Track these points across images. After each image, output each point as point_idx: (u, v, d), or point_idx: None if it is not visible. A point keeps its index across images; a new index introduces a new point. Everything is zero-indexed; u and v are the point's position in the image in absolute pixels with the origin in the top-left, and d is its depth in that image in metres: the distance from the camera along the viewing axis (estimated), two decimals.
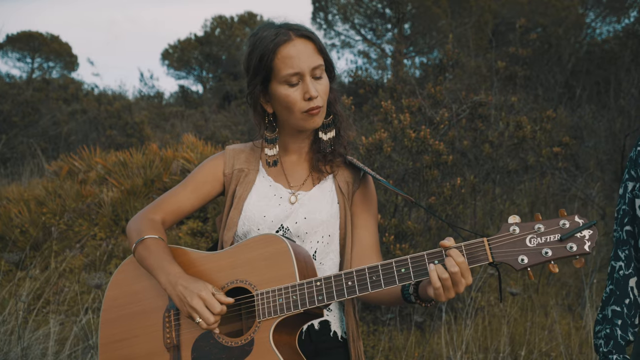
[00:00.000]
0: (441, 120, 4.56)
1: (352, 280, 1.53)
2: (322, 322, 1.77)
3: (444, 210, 4.32)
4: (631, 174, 1.75)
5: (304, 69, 1.64)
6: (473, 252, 1.44)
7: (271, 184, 1.80)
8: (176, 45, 21.63)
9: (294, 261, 1.58)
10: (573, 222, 1.40)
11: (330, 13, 16.46)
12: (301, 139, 1.80)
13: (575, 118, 8.60)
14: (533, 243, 1.41)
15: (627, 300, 1.71)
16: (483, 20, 15.32)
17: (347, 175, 1.83)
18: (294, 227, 1.74)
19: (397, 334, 4.68)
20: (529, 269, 1.43)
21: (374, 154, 4.33)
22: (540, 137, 4.32)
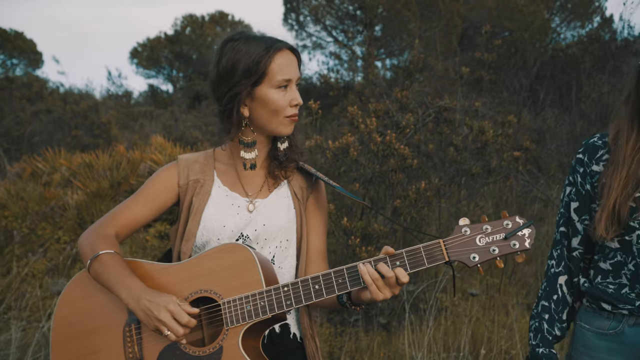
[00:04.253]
0: (407, 124, 4.64)
1: (319, 284, 1.61)
2: (283, 325, 1.82)
3: (409, 213, 4.40)
4: (569, 179, 1.86)
5: (293, 77, 1.73)
6: (431, 252, 1.56)
7: (227, 193, 1.83)
8: (145, 43, 21.34)
9: (259, 269, 1.64)
10: (515, 222, 1.55)
11: (301, 14, 16.50)
12: (261, 147, 1.84)
13: (539, 121, 8.83)
14: (482, 242, 1.54)
15: (555, 297, 1.83)
16: (452, 24, 15.58)
17: (300, 181, 1.89)
18: (254, 235, 1.78)
19: (363, 335, 4.74)
20: (479, 265, 1.56)
21: (340, 158, 4.38)
22: (501, 142, 4.45)
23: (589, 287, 1.80)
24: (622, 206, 1.67)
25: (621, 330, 1.72)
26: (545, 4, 18.29)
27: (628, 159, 1.71)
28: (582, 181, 1.82)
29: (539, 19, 16.97)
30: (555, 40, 17.55)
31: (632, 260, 1.70)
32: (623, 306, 1.72)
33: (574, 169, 1.85)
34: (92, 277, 1.72)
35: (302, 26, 16.50)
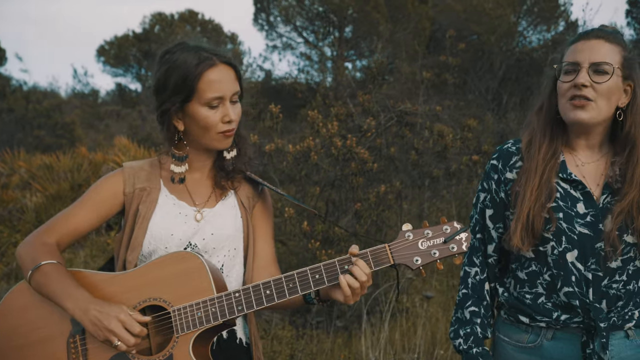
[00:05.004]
0: (368, 128, 4.70)
1: (270, 289, 1.64)
2: (230, 331, 1.84)
3: (369, 216, 4.45)
4: (483, 186, 1.87)
5: (226, 93, 1.72)
6: (377, 257, 1.63)
7: (175, 202, 1.83)
8: (113, 41, 20.99)
9: (210, 276, 1.65)
10: (453, 227, 1.63)
11: (272, 15, 16.47)
12: (205, 157, 1.85)
13: (502, 124, 9.02)
14: (424, 246, 1.63)
15: (484, 303, 1.85)
16: (420, 26, 15.76)
17: (247, 190, 1.90)
18: (202, 244, 1.79)
19: (324, 337, 4.78)
20: (421, 268, 1.64)
21: (302, 162, 4.41)
22: (459, 146, 4.54)
23: (507, 297, 1.82)
24: (536, 217, 1.68)
25: (540, 344, 1.73)
26: (512, 8, 18.64)
27: (540, 168, 1.73)
28: (496, 188, 1.82)
29: (506, 23, 17.29)
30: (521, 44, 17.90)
31: (548, 271, 1.72)
32: (541, 318, 1.73)
33: (489, 175, 1.85)
34: (34, 288, 1.70)
35: (272, 26, 16.47)
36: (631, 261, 1.70)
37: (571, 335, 1.71)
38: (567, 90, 1.69)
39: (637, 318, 1.71)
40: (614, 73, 1.67)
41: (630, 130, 1.71)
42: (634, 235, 1.67)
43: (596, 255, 1.68)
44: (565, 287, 1.69)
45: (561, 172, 1.74)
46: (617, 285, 1.69)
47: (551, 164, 1.74)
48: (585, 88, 1.66)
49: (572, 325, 1.70)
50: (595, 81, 1.66)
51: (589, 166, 1.77)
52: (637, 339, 1.71)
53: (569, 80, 1.69)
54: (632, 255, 1.69)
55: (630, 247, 1.68)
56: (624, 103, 1.72)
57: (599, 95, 1.67)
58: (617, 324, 1.69)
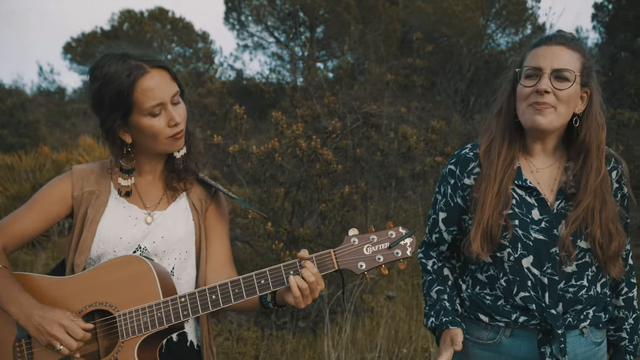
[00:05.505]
0: (333, 129, 4.73)
1: (215, 294, 1.65)
2: (180, 333, 1.84)
3: (334, 217, 4.48)
4: (440, 189, 1.90)
5: (165, 98, 1.69)
6: (322, 262, 1.64)
7: (125, 205, 1.82)
8: (80, 38, 20.58)
9: (156, 280, 1.65)
10: (398, 233, 1.64)
11: (243, 14, 16.39)
12: (156, 161, 1.84)
13: (468, 126, 9.17)
14: (369, 251, 1.63)
15: (449, 282, 1.90)
16: (391, 28, 15.88)
17: (199, 193, 1.90)
18: (152, 247, 1.78)
19: (290, 337, 4.80)
20: (366, 273, 1.65)
21: (266, 163, 4.41)
22: (423, 147, 4.61)
23: (470, 294, 1.86)
24: (495, 224, 1.71)
25: (499, 341, 1.78)
26: (480, 11, 18.94)
27: (499, 175, 1.75)
28: (451, 193, 1.84)
29: (475, 26, 17.56)
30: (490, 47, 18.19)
31: (504, 276, 1.76)
32: (500, 318, 1.77)
33: (445, 179, 1.87)
34: None
35: (243, 26, 16.40)
36: (588, 266, 1.73)
37: (529, 333, 1.75)
38: (528, 95, 1.71)
39: (591, 317, 1.76)
40: (575, 80, 1.69)
41: (585, 137, 1.74)
42: (587, 241, 1.71)
43: (552, 260, 1.71)
44: (522, 292, 1.73)
45: (517, 178, 1.77)
46: (576, 289, 1.73)
47: (509, 171, 1.76)
48: (547, 94, 1.68)
49: (530, 326, 1.74)
50: (557, 88, 1.68)
51: (543, 172, 1.80)
52: (591, 336, 1.77)
53: (531, 85, 1.70)
54: (588, 260, 1.73)
55: (584, 252, 1.72)
56: (581, 109, 1.75)
57: (560, 101, 1.69)
58: (572, 324, 1.74)
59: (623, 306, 1.85)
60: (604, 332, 1.84)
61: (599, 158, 1.74)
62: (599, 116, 1.76)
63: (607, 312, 1.81)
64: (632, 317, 1.86)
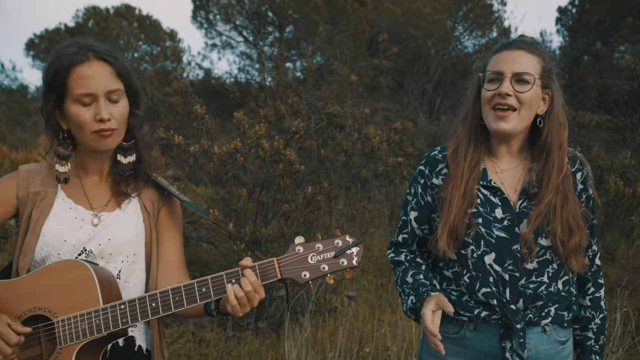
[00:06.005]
0: (297, 130, 4.73)
1: (156, 301, 1.62)
2: (127, 338, 1.81)
3: (297, 218, 4.49)
4: (411, 190, 1.96)
5: (98, 90, 1.65)
6: (265, 271, 1.61)
7: (71, 206, 1.78)
8: (43, 35, 20.07)
9: (97, 286, 1.62)
10: (344, 241, 1.62)
11: (211, 12, 16.24)
12: (101, 160, 1.80)
13: (434, 127, 9.29)
14: (313, 260, 1.61)
15: (423, 267, 1.93)
16: (360, 29, 15.96)
17: (152, 194, 1.87)
18: (98, 249, 1.75)
19: (253, 338, 4.78)
20: (310, 282, 1.63)
21: (228, 163, 4.39)
22: (385, 148, 4.65)
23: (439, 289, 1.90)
24: (460, 223, 1.78)
25: (462, 335, 1.83)
26: (448, 14, 19.21)
27: (465, 176, 1.82)
28: (422, 192, 1.92)
29: (443, 28, 17.78)
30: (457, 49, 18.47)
31: (467, 273, 1.81)
32: (464, 313, 1.82)
33: (416, 180, 1.95)
34: None
35: (211, 24, 16.24)
36: (549, 264, 1.79)
37: (491, 327, 1.80)
38: (491, 99, 1.78)
39: (553, 315, 1.81)
40: (535, 83, 1.76)
41: (547, 137, 1.81)
42: (548, 239, 1.76)
43: (513, 257, 1.77)
44: (484, 288, 1.78)
45: (482, 179, 1.83)
46: (536, 286, 1.78)
47: (475, 172, 1.83)
48: (509, 97, 1.75)
49: (492, 321, 1.80)
50: (518, 90, 1.76)
51: (508, 173, 1.86)
52: (554, 334, 1.82)
53: (493, 89, 1.78)
54: (548, 257, 1.78)
55: (545, 249, 1.77)
56: (543, 111, 1.83)
57: (521, 103, 1.76)
58: (533, 320, 1.79)
59: (589, 306, 1.90)
60: (570, 331, 1.88)
61: (560, 157, 1.81)
62: (561, 116, 1.84)
63: (571, 311, 1.85)
64: (599, 317, 1.90)
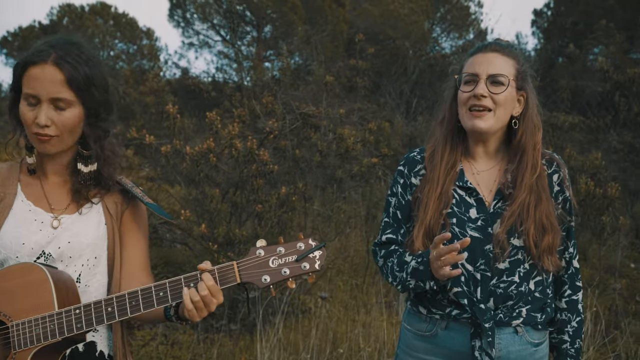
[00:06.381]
0: (271, 130, 4.71)
1: (111, 306, 1.59)
2: (88, 343, 1.77)
3: (270, 219, 4.46)
4: (392, 190, 2.00)
5: (42, 94, 1.63)
6: (224, 275, 1.58)
7: (31, 208, 1.74)
8: (17, 32, 19.68)
9: (53, 290, 1.59)
10: (307, 245, 1.59)
11: (188, 11, 16.10)
12: (59, 163, 1.77)
13: (410, 127, 9.34)
14: (275, 264, 1.58)
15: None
16: (338, 29, 15.98)
17: (115, 196, 1.83)
18: (57, 253, 1.71)
19: (226, 340, 4.74)
20: (271, 287, 1.59)
21: (201, 164, 4.34)
22: (359, 149, 4.66)
23: None
24: (436, 223, 1.81)
25: (435, 333, 1.87)
26: (426, 15, 19.36)
27: (442, 178, 1.86)
28: (402, 192, 1.95)
29: (420, 29, 17.91)
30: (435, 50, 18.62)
31: None
32: (436, 311, 1.86)
33: (396, 180, 1.98)
34: None
35: (189, 23, 16.10)
36: (520, 264, 1.81)
37: (462, 326, 1.83)
38: (467, 100, 1.82)
39: (524, 316, 1.82)
40: (509, 84, 1.81)
41: (522, 138, 1.86)
42: (520, 239, 1.78)
43: (485, 257, 1.79)
44: (455, 287, 1.80)
45: (458, 180, 1.87)
46: (506, 285, 1.80)
47: (451, 174, 1.86)
48: (484, 98, 1.80)
49: (462, 319, 1.82)
50: (493, 92, 1.81)
51: (484, 174, 1.90)
52: (526, 336, 1.83)
53: (469, 91, 1.82)
54: (520, 257, 1.80)
55: (517, 249, 1.79)
56: (518, 112, 1.87)
57: (496, 104, 1.80)
58: (503, 320, 1.80)
59: (566, 308, 1.91)
60: (545, 333, 1.89)
61: (534, 157, 1.85)
62: (535, 118, 1.89)
63: (545, 313, 1.86)
64: (576, 320, 1.91)
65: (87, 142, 1.75)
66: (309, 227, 5.82)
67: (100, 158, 1.77)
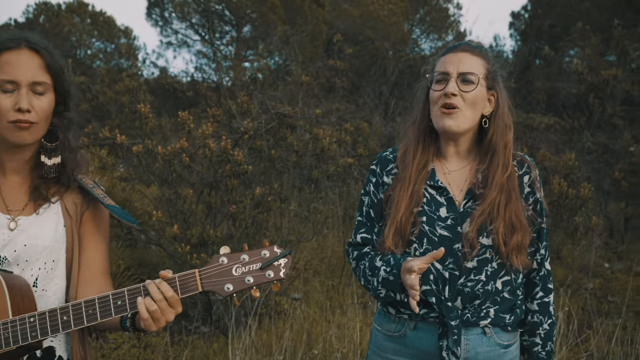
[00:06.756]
0: (246, 129, 4.67)
1: (67, 315, 1.54)
2: (46, 349, 1.71)
3: (244, 219, 4.42)
4: (366, 189, 2.01)
5: (21, 79, 1.59)
6: (185, 283, 1.54)
7: None
8: None
9: (7, 296, 1.53)
10: (272, 252, 1.55)
11: (166, 10, 15.94)
12: (20, 159, 1.71)
13: (389, 127, 9.37)
14: (238, 272, 1.53)
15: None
16: (318, 30, 15.98)
17: (75, 197, 1.78)
18: (13, 256, 1.65)
19: (200, 342, 4.69)
20: (234, 295, 1.55)
21: (174, 164, 4.28)
22: (335, 149, 4.64)
23: None
24: (406, 222, 1.81)
25: (404, 333, 1.86)
26: (405, 16, 19.47)
27: (414, 177, 1.86)
28: (375, 190, 1.95)
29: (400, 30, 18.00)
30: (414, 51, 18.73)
31: None
32: (404, 311, 1.85)
33: (369, 179, 1.99)
34: None
35: (167, 22, 15.95)
36: (488, 262, 1.80)
37: (430, 326, 1.82)
38: (439, 99, 1.83)
39: (492, 316, 1.82)
40: (479, 83, 1.83)
41: (492, 137, 1.87)
42: (489, 238, 1.79)
43: (454, 256, 1.79)
44: (424, 286, 1.79)
45: (430, 179, 1.87)
46: (473, 284, 1.80)
47: (422, 174, 1.87)
48: (454, 96, 1.81)
49: (430, 319, 1.82)
50: (463, 90, 1.82)
51: (455, 174, 1.90)
52: (495, 337, 1.83)
53: (440, 89, 1.83)
54: (488, 256, 1.80)
55: (485, 248, 1.79)
56: (489, 111, 1.89)
57: (467, 103, 1.82)
58: (471, 320, 1.80)
59: (537, 310, 1.91)
60: (515, 335, 1.89)
61: (505, 156, 1.86)
62: (506, 118, 1.90)
63: (514, 314, 1.86)
64: (547, 322, 1.91)
65: (53, 133, 1.72)
66: (286, 227, 5.79)
67: (66, 149, 1.74)
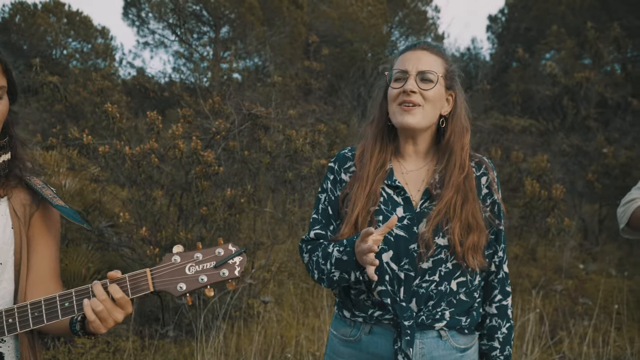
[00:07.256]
0: (218, 130, 4.61)
1: (12, 317, 1.49)
2: None
3: (214, 221, 4.36)
4: (323, 187, 1.97)
5: None
6: (136, 283, 1.50)
7: None
8: None
9: None
10: (227, 250, 1.51)
11: (143, 10, 15.76)
12: None
13: None
14: (191, 271, 1.50)
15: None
16: (296, 31, 15.96)
17: (23, 197, 1.73)
18: None
19: (171, 346, 4.61)
20: (187, 295, 1.51)
21: (143, 165, 4.21)
22: (308, 150, 4.61)
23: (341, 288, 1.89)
24: (363, 221, 1.79)
25: (359, 338, 1.83)
26: (384, 19, 19.56)
27: (371, 176, 1.84)
28: (332, 188, 1.92)
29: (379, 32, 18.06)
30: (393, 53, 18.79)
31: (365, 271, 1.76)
32: (359, 313, 1.82)
33: (327, 177, 1.95)
34: None
35: (144, 22, 15.77)
36: (442, 263, 1.78)
37: (385, 330, 1.79)
38: (397, 96, 1.82)
39: (448, 319, 1.79)
40: (438, 82, 1.82)
41: (450, 138, 1.86)
42: (445, 238, 1.77)
43: (410, 256, 1.77)
44: (380, 286, 1.77)
45: (387, 179, 1.85)
46: (428, 284, 1.77)
47: (380, 173, 1.85)
48: (414, 94, 1.80)
49: (384, 321, 1.78)
50: (422, 88, 1.81)
51: (413, 174, 1.88)
52: (451, 340, 1.80)
53: (399, 87, 1.82)
54: (442, 257, 1.78)
55: (441, 249, 1.77)
56: (447, 111, 1.88)
57: (426, 101, 1.81)
58: (426, 322, 1.77)
59: (496, 314, 1.89)
60: (472, 338, 1.87)
61: (462, 157, 1.85)
62: (464, 119, 1.89)
63: (471, 317, 1.84)
64: (505, 326, 1.89)
65: (4, 130, 1.66)
66: (260, 229, 5.74)
67: (16, 143, 1.70)
